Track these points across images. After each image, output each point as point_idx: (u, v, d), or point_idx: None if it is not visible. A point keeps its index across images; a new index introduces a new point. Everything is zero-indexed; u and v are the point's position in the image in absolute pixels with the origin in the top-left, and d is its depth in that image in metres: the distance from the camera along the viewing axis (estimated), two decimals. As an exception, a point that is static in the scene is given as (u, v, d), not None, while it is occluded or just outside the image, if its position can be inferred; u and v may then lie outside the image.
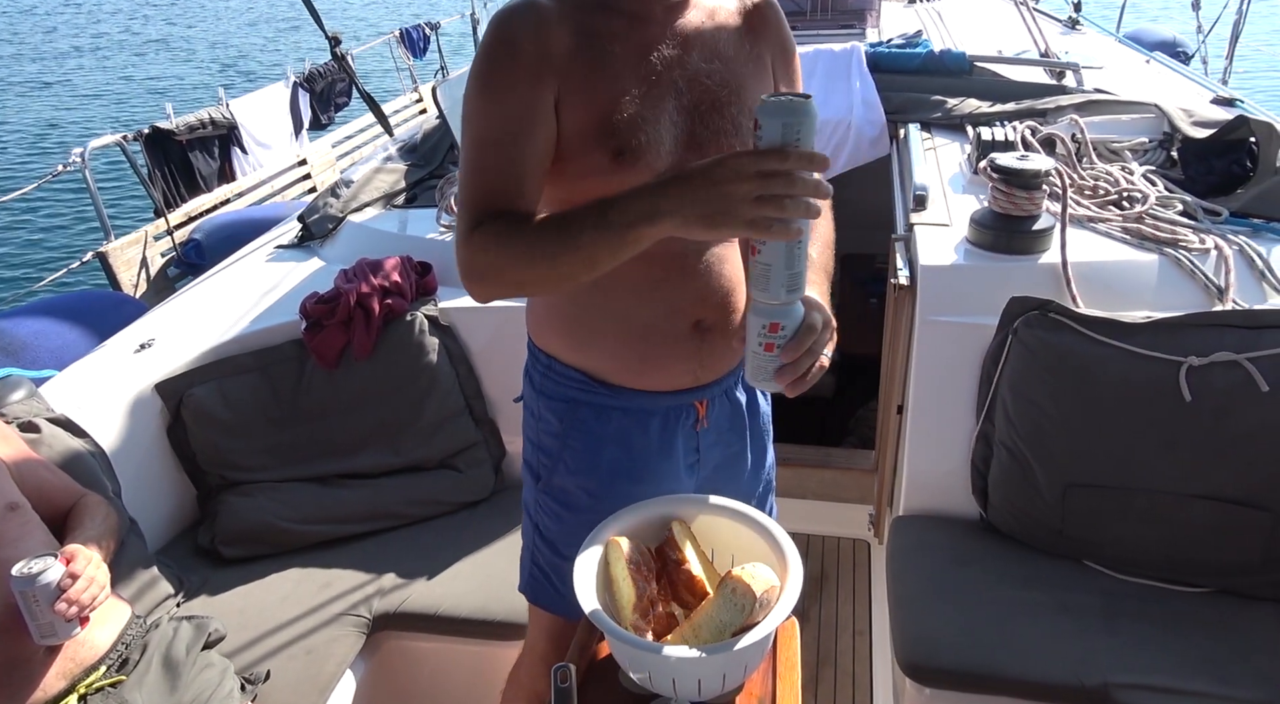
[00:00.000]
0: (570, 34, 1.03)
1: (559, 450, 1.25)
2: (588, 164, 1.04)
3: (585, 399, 1.22)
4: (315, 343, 1.97)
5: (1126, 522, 1.59)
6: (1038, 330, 1.61)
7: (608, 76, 1.03)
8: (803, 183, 0.86)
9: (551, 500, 1.29)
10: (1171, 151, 2.08)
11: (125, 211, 6.94)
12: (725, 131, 1.08)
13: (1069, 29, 3.57)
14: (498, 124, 1.03)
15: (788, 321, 0.99)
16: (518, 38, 1.02)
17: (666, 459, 1.25)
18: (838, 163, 2.64)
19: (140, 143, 4.48)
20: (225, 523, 1.84)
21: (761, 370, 1.02)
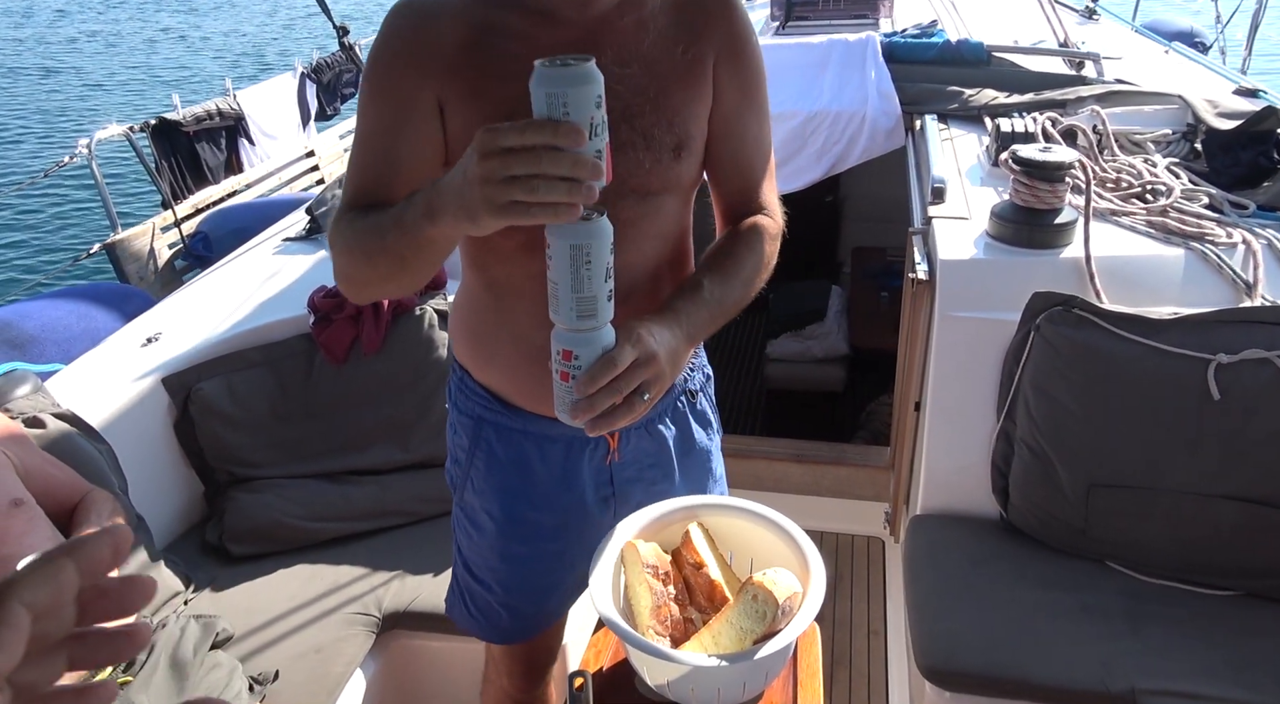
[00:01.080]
0: (464, 29, 0.94)
1: (467, 467, 1.20)
2: None
3: (490, 418, 1.15)
4: (323, 337, 1.94)
5: (1151, 522, 1.56)
6: (1061, 327, 1.57)
7: (500, 79, 0.93)
8: (551, 159, 0.71)
9: (464, 518, 1.24)
10: (1195, 143, 2.04)
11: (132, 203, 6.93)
12: (632, 144, 0.96)
13: (1086, 19, 3.51)
14: (373, 119, 0.98)
15: (583, 351, 0.85)
16: (401, 31, 0.96)
17: (568, 490, 1.17)
18: (851, 155, 2.60)
19: (147, 134, 4.46)
20: (233, 520, 1.82)
21: (560, 401, 0.89)
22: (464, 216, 0.78)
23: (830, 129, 2.57)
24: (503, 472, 1.17)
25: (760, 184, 1.11)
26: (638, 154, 0.97)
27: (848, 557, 2.42)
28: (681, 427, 1.20)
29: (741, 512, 1.15)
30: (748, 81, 1.04)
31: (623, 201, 0.99)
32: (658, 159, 0.98)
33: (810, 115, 2.60)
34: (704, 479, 1.27)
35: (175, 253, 4.40)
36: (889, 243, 3.92)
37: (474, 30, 0.94)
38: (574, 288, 0.83)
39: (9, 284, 6.29)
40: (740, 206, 1.10)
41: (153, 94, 12.22)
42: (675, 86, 0.98)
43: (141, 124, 4.47)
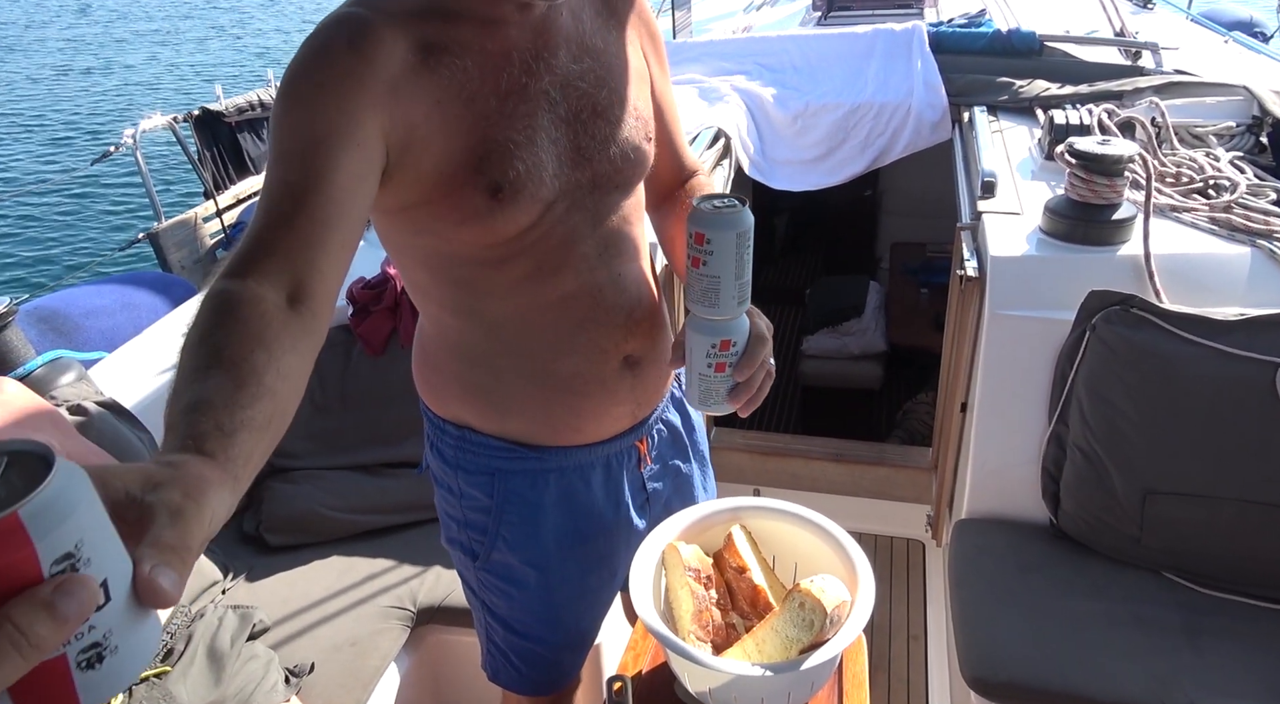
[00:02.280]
0: (407, 51, 0.82)
1: (494, 527, 1.09)
2: (462, 208, 0.86)
3: (514, 468, 1.06)
4: (362, 329, 1.94)
5: (1212, 532, 1.50)
6: (1119, 327, 1.51)
7: (461, 98, 0.84)
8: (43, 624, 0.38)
9: (495, 578, 1.14)
10: (1261, 137, 1.95)
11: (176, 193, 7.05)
12: (613, 138, 0.93)
13: (1141, 7, 3.41)
14: (293, 141, 0.77)
15: (738, 336, 0.89)
16: (334, 48, 0.80)
17: (616, 510, 1.13)
18: (895, 148, 2.54)
19: (190, 124, 4.51)
20: (271, 509, 1.83)
21: (712, 393, 0.92)
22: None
23: (874, 121, 2.51)
24: (544, 517, 1.10)
25: (686, 148, 1.15)
26: (619, 147, 0.95)
27: (887, 559, 2.37)
28: (680, 409, 1.20)
29: (786, 515, 1.12)
30: (662, 54, 1.06)
31: (612, 199, 0.97)
32: (636, 148, 0.96)
33: (853, 107, 2.54)
34: (704, 455, 1.27)
35: (216, 242, 4.46)
36: (929, 238, 3.85)
37: (415, 50, 0.83)
38: (737, 274, 0.86)
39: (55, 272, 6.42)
40: (679, 172, 1.14)
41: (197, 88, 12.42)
42: (625, 72, 0.96)
43: (185, 115, 4.53)
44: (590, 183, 0.94)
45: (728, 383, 0.91)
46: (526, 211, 0.89)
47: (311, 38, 0.82)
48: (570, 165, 0.91)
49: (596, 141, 0.93)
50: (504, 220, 0.88)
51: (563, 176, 0.91)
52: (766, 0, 4.09)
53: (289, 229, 0.74)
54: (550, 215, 0.92)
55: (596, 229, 0.96)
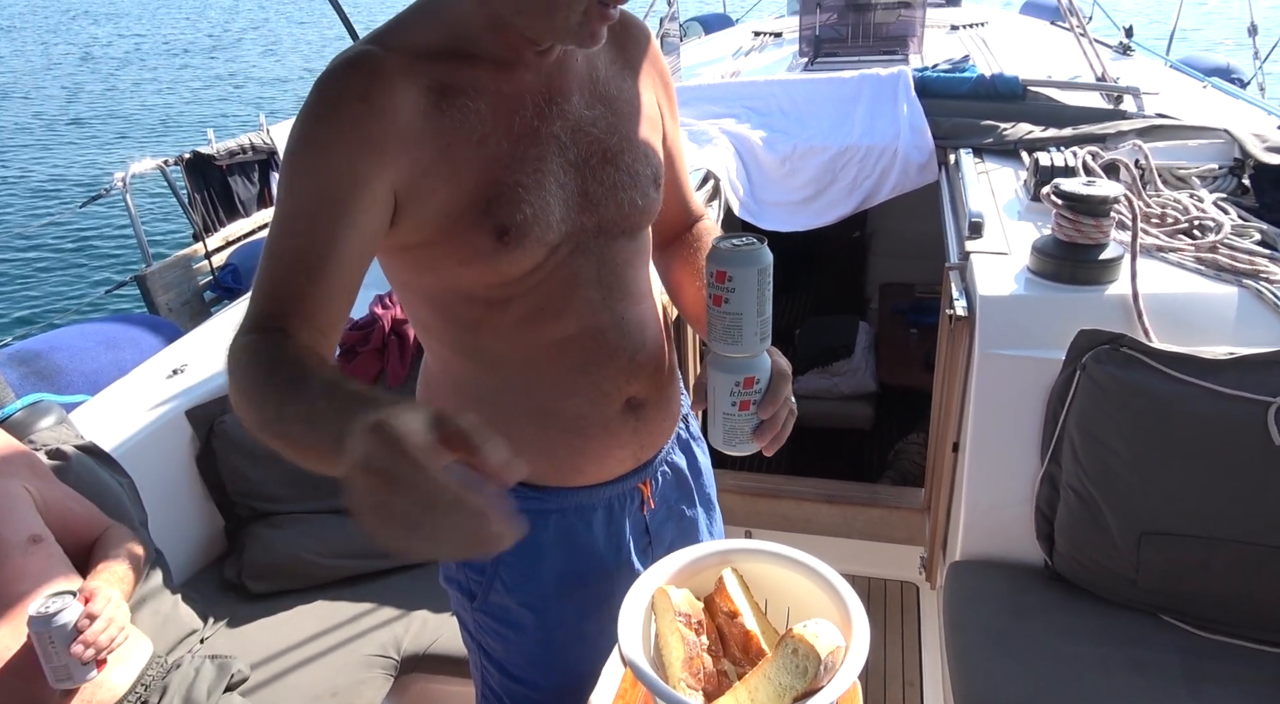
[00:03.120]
0: (419, 94, 0.83)
1: (492, 567, 1.08)
2: (467, 249, 0.87)
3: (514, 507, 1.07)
4: (349, 370, 1.92)
5: (1209, 574, 1.48)
6: (1109, 366, 1.51)
7: (473, 141, 0.85)
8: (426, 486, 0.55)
9: (492, 620, 1.12)
10: (1243, 178, 1.98)
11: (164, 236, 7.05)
12: (621, 185, 0.94)
13: (1121, 54, 3.48)
14: (306, 199, 0.81)
15: (761, 373, 0.90)
16: (347, 98, 0.81)
17: (617, 553, 1.11)
18: (883, 190, 2.57)
19: (180, 167, 4.53)
20: (253, 555, 1.79)
21: (737, 432, 0.92)
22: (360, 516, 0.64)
23: (861, 164, 2.54)
24: (543, 560, 1.08)
25: (692, 194, 1.17)
26: (628, 194, 0.95)
27: (880, 602, 2.33)
28: (686, 451, 1.19)
29: (778, 557, 1.09)
30: (674, 102, 1.08)
31: (617, 244, 0.98)
32: (645, 194, 0.97)
33: (841, 150, 2.57)
34: (710, 498, 1.25)
35: (205, 284, 4.45)
36: (918, 279, 3.87)
37: (428, 93, 0.84)
38: (758, 311, 0.87)
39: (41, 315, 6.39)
40: (685, 218, 1.16)
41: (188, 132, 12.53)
42: (637, 120, 0.98)
43: (176, 158, 4.55)
44: (596, 228, 0.95)
45: (752, 421, 0.91)
46: (531, 254, 0.89)
47: (323, 84, 0.82)
48: (577, 210, 0.92)
49: (605, 187, 0.93)
50: (509, 262, 0.88)
51: (569, 221, 0.91)
52: (754, 46, 4.17)
53: (300, 302, 0.80)
54: (555, 258, 0.92)
55: (601, 273, 0.97)
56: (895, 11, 3.71)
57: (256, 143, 4.91)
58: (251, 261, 4.16)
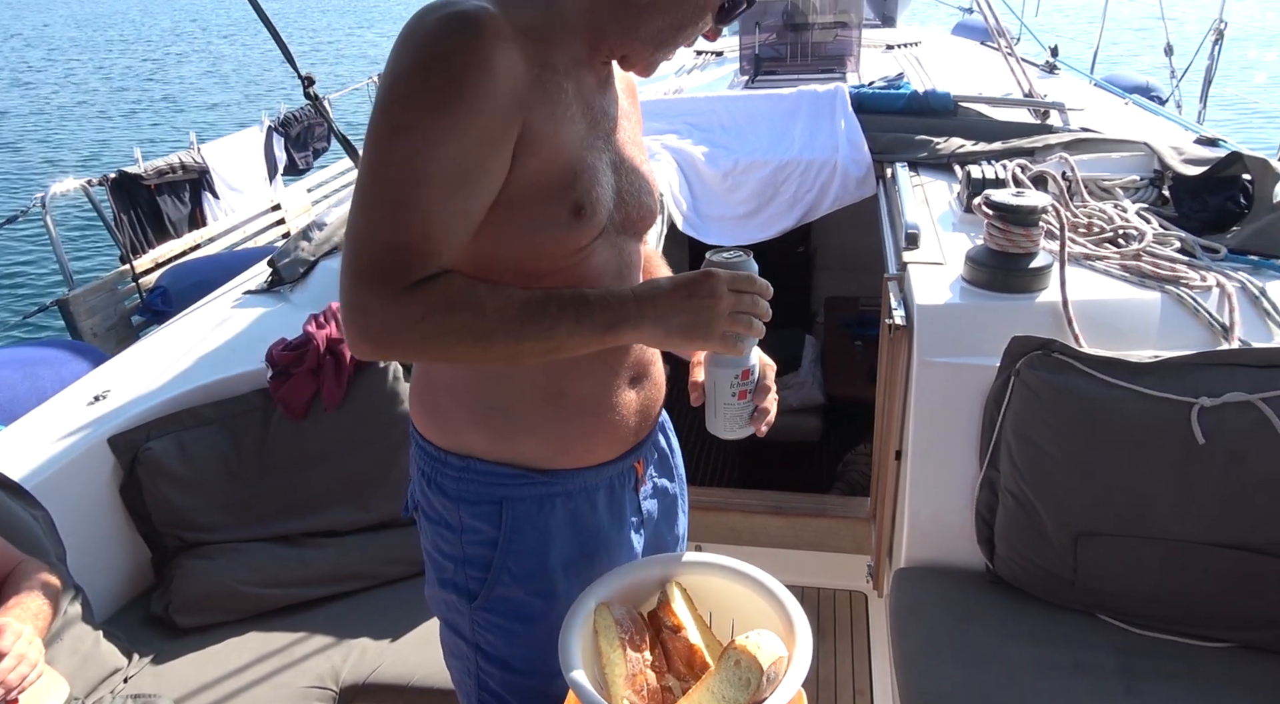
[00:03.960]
0: (531, 62, 0.88)
1: (500, 559, 1.08)
2: (544, 216, 0.92)
3: (521, 493, 1.06)
4: (282, 392, 1.86)
5: (1142, 572, 1.51)
6: (1041, 371, 1.54)
7: (567, 118, 0.92)
8: (763, 305, 0.96)
9: (495, 616, 1.11)
10: (1163, 189, 2.05)
11: (91, 258, 6.81)
12: (643, 189, 1.05)
13: (1047, 73, 3.60)
14: (454, 159, 0.84)
15: (754, 366, 1.03)
16: (486, 53, 0.83)
17: (620, 531, 1.14)
18: (823, 204, 2.60)
19: (106, 188, 4.38)
20: (181, 588, 1.71)
21: (736, 419, 1.05)
22: (682, 333, 0.93)
23: (802, 178, 2.57)
24: (551, 542, 1.09)
25: None
26: (647, 198, 1.06)
27: (830, 612, 2.34)
28: (665, 434, 1.25)
29: (721, 569, 1.09)
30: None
31: (632, 243, 1.07)
32: (656, 201, 1.09)
33: (781, 164, 2.60)
34: (682, 477, 1.31)
35: (133, 308, 4.29)
36: (862, 292, 3.93)
37: (535, 64, 0.89)
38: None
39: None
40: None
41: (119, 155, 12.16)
42: (640, 142, 1.09)
43: (100, 178, 4.39)
44: (622, 224, 1.03)
45: (749, 408, 1.05)
46: (588, 235, 0.96)
47: (439, 36, 0.83)
48: (614, 205, 1.01)
49: (632, 188, 1.03)
50: (576, 235, 0.95)
51: (608, 213, 1.00)
52: (696, 64, 4.21)
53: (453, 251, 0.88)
54: (596, 244, 0.99)
55: (619, 265, 1.05)
56: (832, 31, 3.79)
57: (187, 162, 4.78)
58: (183, 283, 4.03)
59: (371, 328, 0.85)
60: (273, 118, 5.80)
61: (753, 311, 0.95)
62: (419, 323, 0.85)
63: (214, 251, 4.82)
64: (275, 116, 5.83)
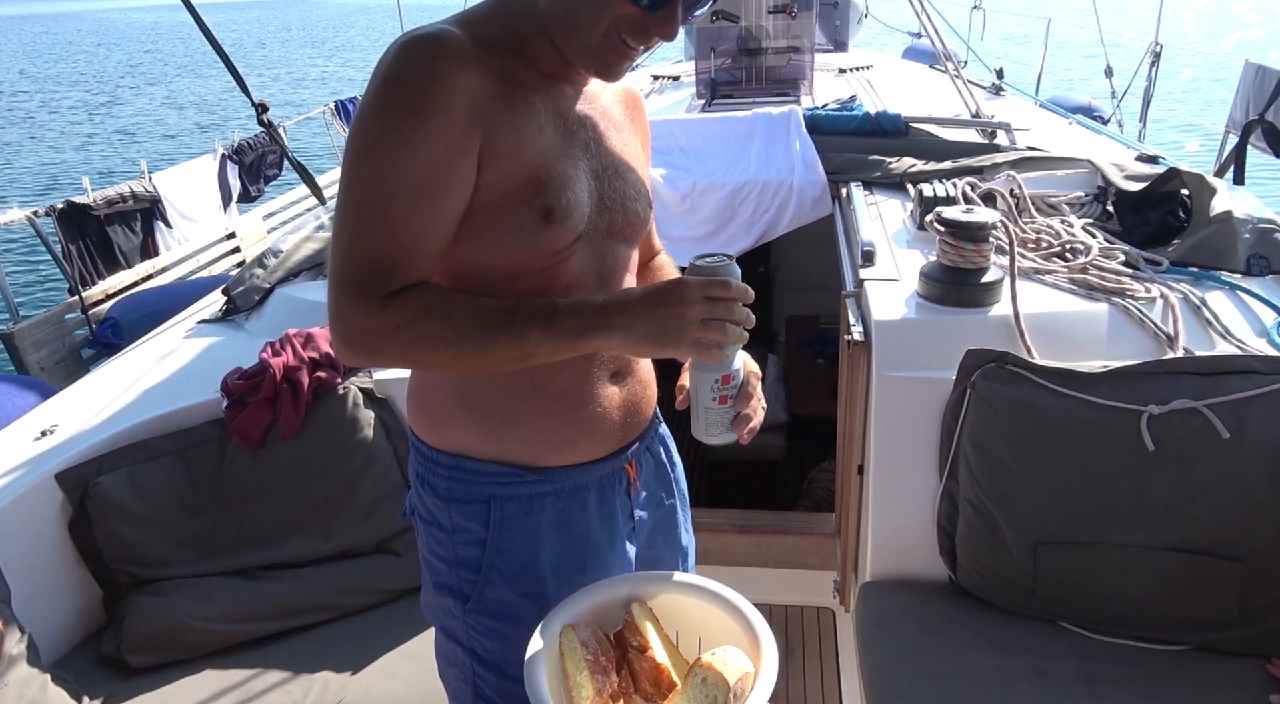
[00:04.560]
0: (494, 79, 0.95)
1: (488, 559, 1.09)
2: (513, 222, 0.97)
3: (509, 493, 1.08)
4: (238, 422, 1.83)
5: (1099, 578, 1.54)
6: (995, 383, 1.57)
7: (533, 128, 0.97)
8: (740, 311, 0.94)
9: (487, 618, 1.12)
10: (1107, 205, 2.11)
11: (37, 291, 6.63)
12: (629, 196, 1.07)
13: (993, 94, 3.70)
14: (418, 172, 0.90)
15: (736, 372, 1.02)
16: (443, 72, 0.90)
17: (611, 534, 1.15)
18: (781, 223, 2.63)
19: (53, 218, 4.28)
20: (133, 626, 1.66)
21: (717, 424, 1.04)
22: (650, 340, 0.93)
23: (759, 198, 2.61)
24: (540, 542, 1.10)
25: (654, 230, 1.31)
26: (633, 205, 1.08)
27: (798, 629, 2.34)
28: (665, 444, 1.27)
29: (686, 587, 1.09)
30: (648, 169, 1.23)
31: (619, 248, 1.10)
32: (645, 209, 1.11)
33: (739, 185, 2.63)
34: (684, 493, 1.32)
35: (82, 341, 4.18)
36: (822, 311, 3.98)
37: (500, 80, 0.95)
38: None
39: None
40: (650, 251, 1.32)
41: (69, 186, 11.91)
42: (637, 154, 1.12)
43: (48, 208, 4.29)
44: (606, 229, 1.06)
45: (730, 414, 1.04)
46: (564, 238, 0.99)
47: (406, 59, 0.90)
48: (595, 211, 1.03)
49: (616, 195, 1.06)
50: (546, 240, 0.98)
51: (589, 218, 1.03)
52: (654, 89, 4.26)
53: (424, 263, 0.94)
54: (573, 248, 1.02)
55: (602, 269, 1.07)
56: (786, 56, 3.86)
57: (138, 191, 4.70)
58: (135, 314, 3.95)
59: (351, 336, 0.92)
60: (226, 146, 5.73)
61: (727, 317, 0.94)
62: (394, 331, 0.91)
63: (166, 282, 4.73)
64: (229, 144, 5.77)
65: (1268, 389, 1.45)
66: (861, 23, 6.05)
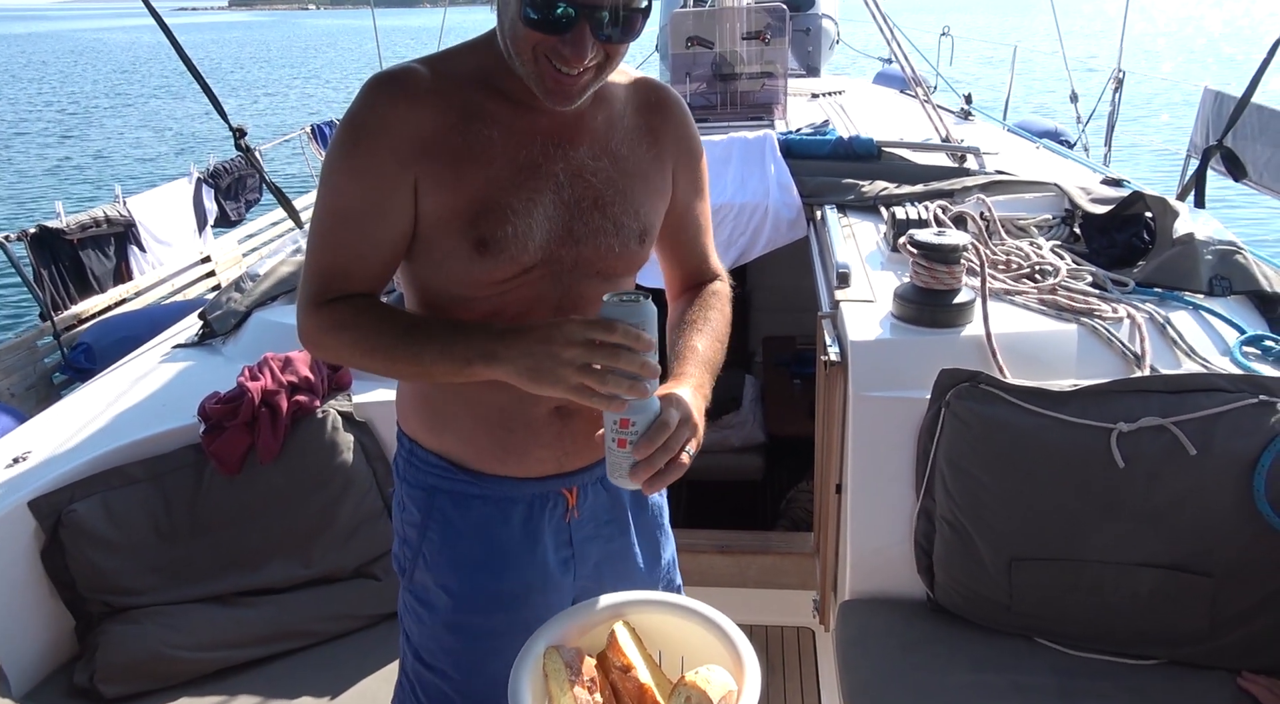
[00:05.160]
0: (442, 111, 1.00)
1: (419, 543, 1.17)
2: (448, 250, 1.02)
3: (445, 487, 1.15)
4: (215, 447, 1.81)
5: (1073, 594, 1.56)
6: (969, 402, 1.60)
7: (478, 161, 1.00)
8: (627, 358, 0.89)
9: (414, 600, 1.20)
10: (1074, 227, 2.17)
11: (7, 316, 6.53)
12: (604, 230, 1.06)
13: (962, 119, 3.78)
14: (353, 200, 1.01)
15: (639, 417, 0.95)
16: (385, 111, 0.99)
17: (531, 552, 1.16)
18: (757, 245, 2.67)
19: (25, 242, 4.23)
20: (107, 656, 1.63)
21: (617, 467, 0.99)
22: (529, 377, 0.91)
23: (735, 221, 2.64)
24: (460, 541, 1.15)
25: (711, 256, 1.26)
26: (608, 240, 1.06)
27: (779, 650, 2.34)
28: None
29: (669, 606, 1.09)
30: (700, 178, 1.20)
31: (590, 281, 1.08)
32: (625, 244, 1.07)
33: (715, 208, 2.65)
34: (656, 533, 1.29)
35: (53, 367, 4.12)
36: (799, 331, 4.01)
37: (453, 113, 1.00)
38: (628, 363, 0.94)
39: None
40: (697, 276, 1.25)
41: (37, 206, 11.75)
42: (640, 182, 1.09)
43: (19, 233, 4.24)
44: (573, 262, 1.06)
45: (628, 459, 0.96)
46: (503, 269, 1.01)
47: (365, 94, 0.99)
48: (558, 242, 1.03)
49: (588, 229, 1.05)
50: (480, 270, 1.01)
51: (547, 249, 1.03)
52: None
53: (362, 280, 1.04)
54: (526, 277, 1.04)
55: (563, 301, 1.07)
56: (759, 81, 3.93)
57: (112, 215, 4.65)
58: (108, 338, 3.90)
59: (299, 333, 1.05)
60: (202, 169, 5.71)
61: (610, 365, 0.89)
62: (322, 334, 1.03)
63: (141, 306, 4.68)
64: (205, 168, 5.74)
65: (1232, 406, 1.49)
66: (834, 48, 6.17)
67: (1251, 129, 4.07)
